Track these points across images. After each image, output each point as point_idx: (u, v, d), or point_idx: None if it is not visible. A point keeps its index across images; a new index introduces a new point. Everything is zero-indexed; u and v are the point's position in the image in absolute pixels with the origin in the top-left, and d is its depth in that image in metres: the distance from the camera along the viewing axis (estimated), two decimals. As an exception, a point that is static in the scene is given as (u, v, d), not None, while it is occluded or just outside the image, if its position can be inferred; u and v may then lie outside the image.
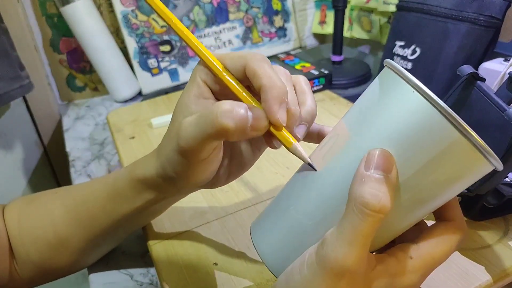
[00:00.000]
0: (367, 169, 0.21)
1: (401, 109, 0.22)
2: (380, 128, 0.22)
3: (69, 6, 0.72)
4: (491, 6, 0.52)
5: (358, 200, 0.21)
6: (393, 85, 0.23)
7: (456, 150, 0.21)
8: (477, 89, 0.39)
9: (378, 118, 0.23)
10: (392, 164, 0.21)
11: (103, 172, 0.59)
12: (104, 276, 0.41)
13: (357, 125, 0.24)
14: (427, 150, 0.21)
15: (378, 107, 0.23)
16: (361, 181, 0.21)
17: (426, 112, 0.21)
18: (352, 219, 0.21)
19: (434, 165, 0.21)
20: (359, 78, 0.73)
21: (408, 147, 0.22)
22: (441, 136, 0.21)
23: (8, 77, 0.63)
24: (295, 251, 0.25)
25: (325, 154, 0.25)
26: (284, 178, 0.48)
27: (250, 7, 0.89)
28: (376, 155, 0.21)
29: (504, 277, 0.34)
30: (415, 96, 0.21)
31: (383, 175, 0.21)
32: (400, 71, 0.22)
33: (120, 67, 0.79)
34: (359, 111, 0.25)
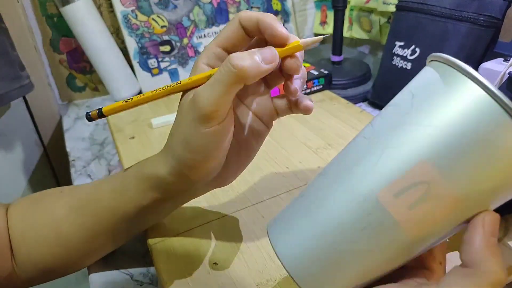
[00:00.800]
0: (489, 237, 0.22)
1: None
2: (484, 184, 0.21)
3: (69, 6, 0.72)
4: (491, 6, 0.52)
5: (494, 276, 0.21)
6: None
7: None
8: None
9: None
10: None
11: (103, 172, 0.59)
12: (104, 275, 0.41)
13: (467, 189, 0.21)
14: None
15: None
16: (489, 252, 0.21)
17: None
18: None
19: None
20: (359, 78, 0.73)
21: None
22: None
23: (8, 77, 0.63)
24: (326, 265, 0.23)
25: (423, 219, 0.22)
26: (285, 178, 0.48)
27: (250, 7, 0.89)
28: (494, 219, 0.22)
29: (504, 277, 0.34)
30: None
31: (497, 242, 0.22)
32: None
33: (120, 67, 0.79)
34: (459, 159, 0.20)
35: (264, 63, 0.27)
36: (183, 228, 0.42)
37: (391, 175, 0.21)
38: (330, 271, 0.23)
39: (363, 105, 0.70)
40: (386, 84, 0.65)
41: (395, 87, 0.62)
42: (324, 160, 0.51)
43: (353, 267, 0.23)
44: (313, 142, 0.54)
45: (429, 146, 0.21)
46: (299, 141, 0.55)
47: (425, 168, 0.21)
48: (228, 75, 0.27)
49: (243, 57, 0.27)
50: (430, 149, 0.21)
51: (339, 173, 0.24)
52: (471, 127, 0.20)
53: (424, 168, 0.21)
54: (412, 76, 0.25)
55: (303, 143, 0.54)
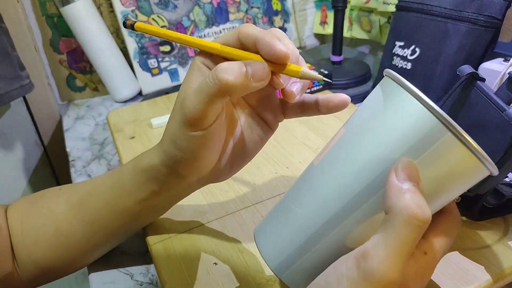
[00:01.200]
0: (402, 181, 0.22)
1: (402, 117, 0.23)
2: (380, 135, 0.23)
3: (69, 6, 0.72)
4: (491, 6, 0.52)
5: (406, 212, 0.21)
6: (393, 93, 0.24)
7: (453, 155, 0.22)
8: (477, 89, 0.39)
9: (379, 127, 0.24)
10: (418, 175, 0.22)
11: (103, 172, 0.59)
12: (104, 275, 0.41)
13: (350, 122, 0.26)
14: (426, 156, 0.22)
15: (379, 115, 0.24)
16: (400, 193, 0.22)
17: (424, 119, 0.22)
18: (400, 232, 0.21)
19: (433, 169, 0.22)
20: (359, 78, 0.73)
21: (408, 153, 0.22)
22: (438, 142, 0.22)
23: (8, 77, 0.63)
24: (298, 252, 0.26)
25: (323, 150, 0.27)
26: (284, 178, 0.48)
27: (250, 7, 0.89)
28: (407, 167, 0.22)
29: (504, 277, 0.34)
30: (414, 103, 0.22)
31: (417, 186, 0.22)
32: (399, 80, 0.23)
33: (120, 67, 0.79)
34: (360, 118, 0.26)
35: (253, 80, 0.26)
36: (183, 228, 0.42)
37: None
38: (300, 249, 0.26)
39: (363, 105, 0.70)
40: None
41: (395, 87, 0.62)
42: (324, 160, 0.51)
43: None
44: (313, 142, 0.54)
45: (350, 119, 0.27)
46: (299, 141, 0.55)
47: (340, 131, 0.27)
48: (212, 87, 0.26)
49: (230, 70, 0.25)
50: (349, 121, 0.27)
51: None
52: (371, 98, 0.26)
53: (340, 131, 0.27)
54: (412, 76, 0.26)
55: (303, 143, 0.54)
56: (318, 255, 0.26)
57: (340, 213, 0.24)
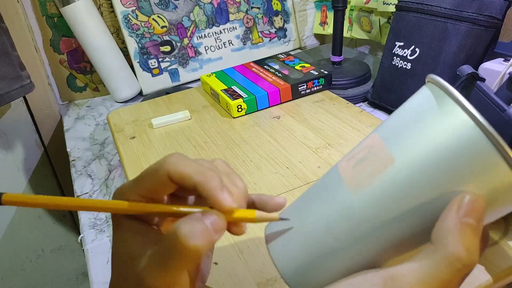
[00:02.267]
0: (462, 215, 0.20)
1: (453, 136, 0.21)
2: (429, 153, 0.21)
3: (70, 6, 0.72)
4: (491, 6, 0.52)
5: (453, 252, 0.20)
6: (442, 107, 0.22)
7: (502, 180, 0.21)
8: (477, 89, 0.39)
9: (427, 143, 0.22)
10: (484, 214, 0.21)
11: (103, 172, 0.59)
12: (104, 275, 0.41)
13: (401, 148, 0.22)
14: (473, 178, 0.21)
15: (426, 132, 0.22)
16: (456, 228, 0.20)
17: (479, 144, 0.20)
18: (438, 268, 0.20)
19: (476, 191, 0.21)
20: (359, 78, 0.73)
21: (453, 173, 0.21)
22: (491, 168, 0.21)
23: (8, 77, 0.63)
24: (317, 268, 0.24)
25: (361, 175, 0.23)
26: (284, 178, 0.48)
27: (250, 7, 0.89)
28: (473, 201, 0.21)
29: (504, 277, 0.34)
30: (468, 124, 0.21)
31: (477, 225, 0.20)
32: (458, 100, 0.21)
33: (121, 67, 0.79)
34: (403, 131, 0.23)
35: (215, 234, 0.23)
36: (183, 228, 0.42)
37: (352, 149, 0.26)
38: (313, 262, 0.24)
39: (363, 105, 0.70)
40: (386, 84, 0.65)
41: (395, 87, 0.62)
42: (324, 160, 0.51)
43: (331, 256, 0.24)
44: (313, 142, 0.54)
45: (387, 128, 0.24)
46: (299, 141, 0.55)
47: (373, 138, 0.24)
48: (181, 258, 0.22)
49: (196, 233, 0.22)
50: (383, 127, 0.25)
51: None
52: (414, 107, 0.23)
53: (372, 138, 0.24)
54: (412, 76, 0.26)
55: (303, 143, 0.54)
56: (340, 273, 0.24)
57: (380, 241, 0.23)
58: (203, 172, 0.24)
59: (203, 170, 0.24)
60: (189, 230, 0.22)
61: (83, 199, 0.25)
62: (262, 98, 0.64)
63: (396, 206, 0.22)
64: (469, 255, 0.20)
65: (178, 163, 0.24)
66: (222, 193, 0.24)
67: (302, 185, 0.47)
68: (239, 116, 0.63)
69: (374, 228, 0.23)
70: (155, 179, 0.24)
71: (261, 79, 0.69)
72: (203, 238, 0.22)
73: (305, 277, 0.25)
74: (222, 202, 0.23)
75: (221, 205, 0.23)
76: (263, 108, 0.65)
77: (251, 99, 0.63)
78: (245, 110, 0.63)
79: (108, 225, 0.49)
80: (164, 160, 0.24)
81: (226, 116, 0.64)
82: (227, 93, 0.64)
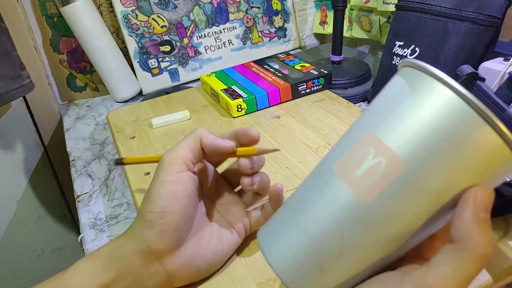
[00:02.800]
0: (479, 212, 0.21)
1: (447, 118, 0.21)
2: (434, 146, 0.21)
3: (69, 6, 0.72)
4: (491, 6, 0.52)
5: (481, 251, 0.21)
6: (428, 89, 0.22)
7: (495, 154, 0.21)
8: (477, 89, 0.39)
9: (429, 133, 0.21)
10: (491, 203, 0.22)
11: (103, 171, 0.59)
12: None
13: (408, 147, 0.22)
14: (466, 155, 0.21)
15: (424, 121, 0.22)
16: (477, 226, 0.21)
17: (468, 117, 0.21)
18: (468, 267, 0.21)
19: (474, 170, 0.21)
20: (359, 78, 0.73)
21: (459, 162, 0.21)
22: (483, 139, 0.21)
23: (8, 77, 0.63)
24: (324, 275, 0.24)
25: (373, 182, 0.22)
26: (284, 178, 0.48)
27: (250, 7, 0.89)
28: (486, 196, 0.21)
29: (504, 277, 0.34)
30: (454, 99, 0.21)
31: (489, 217, 0.21)
32: (436, 75, 0.22)
33: (121, 67, 0.79)
34: (400, 124, 0.22)
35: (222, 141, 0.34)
36: (183, 228, 0.42)
37: (342, 149, 0.25)
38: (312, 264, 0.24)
39: (363, 104, 0.70)
40: (386, 83, 0.64)
41: (395, 86, 0.62)
42: (324, 160, 0.51)
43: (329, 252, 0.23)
44: (313, 142, 0.54)
45: (371, 117, 0.24)
46: (299, 141, 0.55)
47: (370, 137, 0.23)
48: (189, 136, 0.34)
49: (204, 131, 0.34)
50: (372, 120, 0.24)
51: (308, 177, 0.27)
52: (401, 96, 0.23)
53: (369, 137, 0.23)
54: None
55: (303, 143, 0.54)
56: (351, 277, 0.24)
57: (392, 242, 0.23)
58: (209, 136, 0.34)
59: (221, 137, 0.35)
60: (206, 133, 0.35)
61: None
62: (262, 98, 0.64)
63: (411, 205, 0.22)
64: (491, 248, 0.21)
65: (206, 135, 0.34)
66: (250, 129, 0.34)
67: (302, 185, 0.47)
68: (239, 116, 0.63)
69: (390, 231, 0.22)
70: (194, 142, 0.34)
71: (261, 78, 0.68)
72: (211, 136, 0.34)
73: (309, 282, 0.24)
74: (251, 132, 0.35)
75: (250, 134, 0.35)
76: (263, 108, 0.65)
77: (251, 99, 0.63)
78: (245, 110, 0.63)
79: (108, 225, 0.49)
80: (195, 130, 0.34)
81: (226, 116, 0.64)
82: (227, 93, 0.64)
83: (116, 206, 0.52)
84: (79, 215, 0.51)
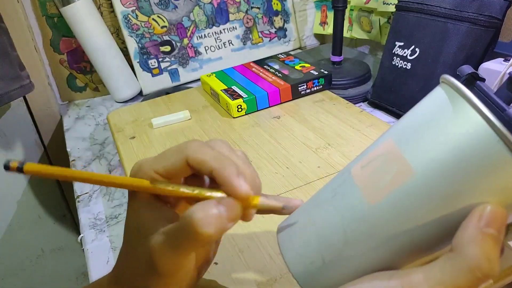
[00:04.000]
0: (483, 225, 0.20)
1: (472, 145, 0.21)
2: (449, 164, 0.21)
3: (70, 6, 0.72)
4: (491, 6, 0.52)
5: (474, 261, 0.20)
6: (461, 115, 0.21)
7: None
8: (477, 89, 0.39)
9: (446, 152, 0.21)
10: (505, 224, 0.21)
11: (103, 172, 0.59)
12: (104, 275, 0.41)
13: (420, 158, 0.22)
14: (493, 188, 0.21)
15: (445, 141, 0.21)
16: (477, 238, 0.20)
17: (495, 149, 0.20)
18: (457, 275, 0.20)
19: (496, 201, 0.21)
20: (359, 78, 0.73)
21: (473, 184, 0.21)
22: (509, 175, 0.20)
23: (8, 77, 0.63)
24: (328, 271, 0.24)
25: (380, 185, 0.23)
26: (284, 178, 0.48)
27: (250, 7, 0.89)
28: (494, 211, 0.21)
29: (504, 277, 0.34)
30: (488, 133, 0.20)
31: (498, 235, 0.21)
32: (472, 102, 0.21)
33: (121, 67, 0.79)
34: (419, 137, 0.22)
35: (229, 222, 0.23)
36: (183, 228, 0.42)
37: (364, 153, 0.25)
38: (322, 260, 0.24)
39: (363, 105, 0.70)
40: (386, 84, 0.65)
41: (395, 87, 0.62)
42: (324, 160, 0.51)
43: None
44: (313, 142, 0.54)
45: (395, 126, 0.24)
46: (299, 141, 0.55)
47: (387, 144, 0.24)
48: (189, 241, 0.23)
49: (209, 219, 0.23)
50: (397, 131, 0.24)
51: None
52: (430, 111, 0.23)
53: (387, 144, 0.24)
54: (412, 76, 0.25)
55: (303, 143, 0.54)
56: (352, 275, 0.24)
57: (394, 250, 0.23)
58: (219, 159, 0.25)
59: (219, 157, 0.25)
60: (204, 217, 0.22)
61: (102, 175, 0.26)
62: (262, 98, 0.64)
63: (414, 217, 0.22)
64: (490, 264, 0.20)
65: (197, 150, 0.25)
66: (238, 179, 0.24)
67: (302, 185, 0.47)
68: (239, 116, 0.63)
69: (389, 237, 0.22)
70: (174, 162, 0.25)
71: (261, 79, 0.69)
72: (216, 225, 0.23)
73: (316, 278, 0.25)
74: (239, 189, 0.24)
75: (238, 192, 0.24)
76: (263, 108, 0.65)
77: (251, 99, 0.63)
78: (245, 110, 0.63)
79: (108, 225, 0.49)
80: (185, 145, 0.25)
81: (226, 116, 0.64)
82: (227, 93, 0.64)
83: (116, 206, 0.52)
84: (79, 215, 0.51)
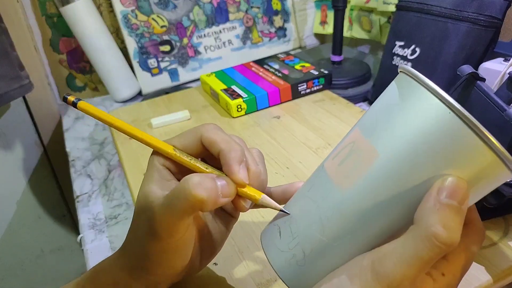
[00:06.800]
0: (442, 196, 0.21)
1: (426, 119, 0.22)
2: (408, 141, 0.22)
3: (69, 6, 0.72)
4: (491, 6, 0.52)
5: (430, 229, 0.20)
6: (413, 93, 0.23)
7: (479, 158, 0.21)
8: (477, 89, 0.39)
9: (404, 130, 0.22)
10: (467, 196, 0.21)
11: (103, 172, 0.59)
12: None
13: (382, 140, 0.23)
14: (451, 158, 0.21)
15: (402, 120, 0.23)
16: (435, 208, 0.21)
17: (450, 121, 0.21)
18: (417, 246, 0.21)
19: (457, 173, 0.22)
20: (359, 78, 0.73)
21: (432, 156, 0.21)
22: (466, 145, 0.21)
23: (8, 77, 0.63)
24: (313, 266, 0.25)
25: (349, 172, 0.24)
26: (284, 178, 0.48)
27: (250, 7, 0.89)
28: (453, 183, 0.21)
29: (504, 277, 0.34)
30: (438, 106, 0.21)
31: (458, 206, 0.21)
32: (421, 79, 0.22)
33: (120, 67, 0.79)
34: (380, 121, 0.24)
35: (222, 197, 0.26)
36: (183, 228, 0.42)
37: (335, 147, 0.27)
38: None
39: (363, 105, 0.70)
40: (386, 84, 0.64)
41: (395, 87, 0.62)
42: (324, 160, 0.51)
43: None
44: (313, 142, 0.54)
45: (366, 121, 0.25)
46: (299, 141, 0.55)
47: (354, 133, 0.25)
48: (184, 203, 0.25)
49: (203, 186, 0.25)
50: (361, 120, 0.25)
51: None
52: (388, 98, 0.25)
53: (353, 133, 0.25)
54: None
55: (303, 143, 0.54)
56: (333, 265, 0.25)
57: (371, 232, 0.23)
58: (229, 142, 0.27)
59: (229, 141, 0.27)
60: (198, 182, 0.25)
61: (136, 129, 0.29)
62: (262, 98, 0.64)
63: (384, 197, 0.23)
64: (448, 233, 0.20)
65: (211, 131, 0.28)
66: (238, 165, 0.26)
67: (302, 185, 0.47)
68: (239, 116, 0.63)
69: (365, 220, 0.23)
70: (190, 139, 0.28)
71: (261, 78, 0.68)
72: (208, 192, 0.25)
73: (298, 272, 0.25)
74: (235, 174, 0.26)
75: (233, 176, 0.26)
76: (263, 108, 0.65)
77: (251, 99, 0.63)
78: (244, 110, 0.63)
79: (108, 225, 0.49)
80: (202, 126, 0.28)
81: (226, 116, 0.64)
82: (226, 93, 0.64)
83: (116, 207, 0.52)
84: (79, 215, 0.51)
